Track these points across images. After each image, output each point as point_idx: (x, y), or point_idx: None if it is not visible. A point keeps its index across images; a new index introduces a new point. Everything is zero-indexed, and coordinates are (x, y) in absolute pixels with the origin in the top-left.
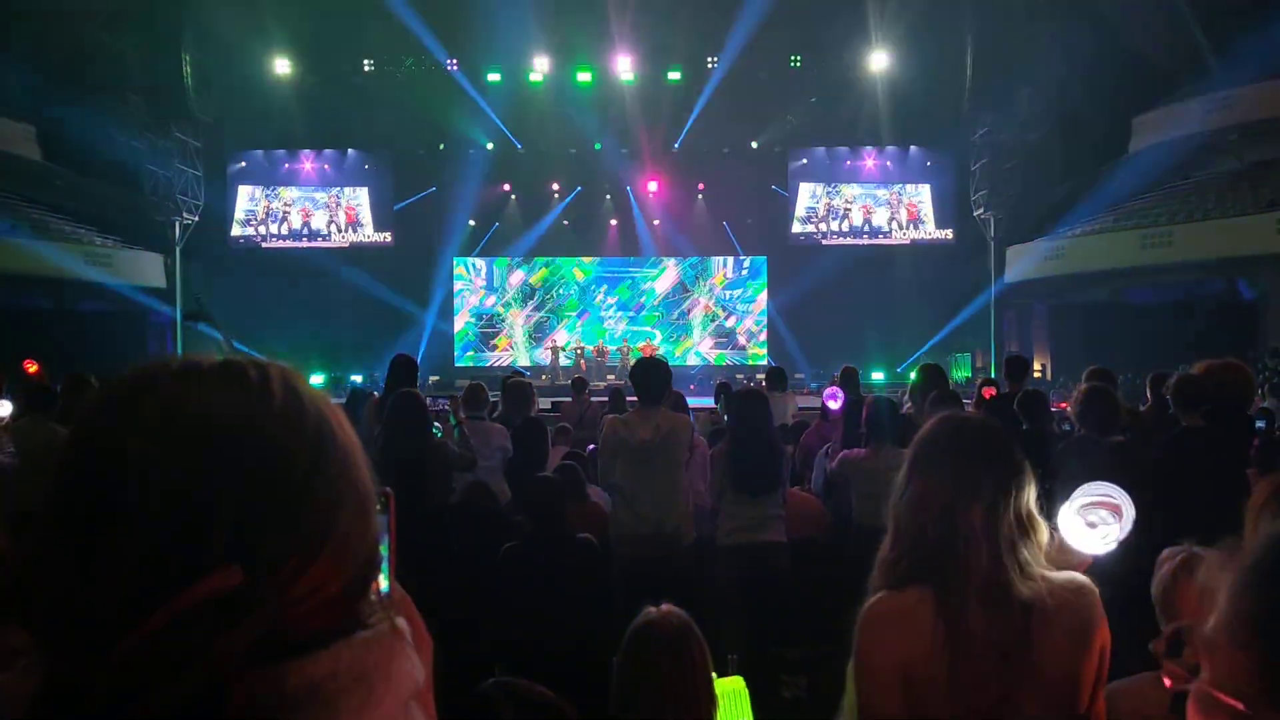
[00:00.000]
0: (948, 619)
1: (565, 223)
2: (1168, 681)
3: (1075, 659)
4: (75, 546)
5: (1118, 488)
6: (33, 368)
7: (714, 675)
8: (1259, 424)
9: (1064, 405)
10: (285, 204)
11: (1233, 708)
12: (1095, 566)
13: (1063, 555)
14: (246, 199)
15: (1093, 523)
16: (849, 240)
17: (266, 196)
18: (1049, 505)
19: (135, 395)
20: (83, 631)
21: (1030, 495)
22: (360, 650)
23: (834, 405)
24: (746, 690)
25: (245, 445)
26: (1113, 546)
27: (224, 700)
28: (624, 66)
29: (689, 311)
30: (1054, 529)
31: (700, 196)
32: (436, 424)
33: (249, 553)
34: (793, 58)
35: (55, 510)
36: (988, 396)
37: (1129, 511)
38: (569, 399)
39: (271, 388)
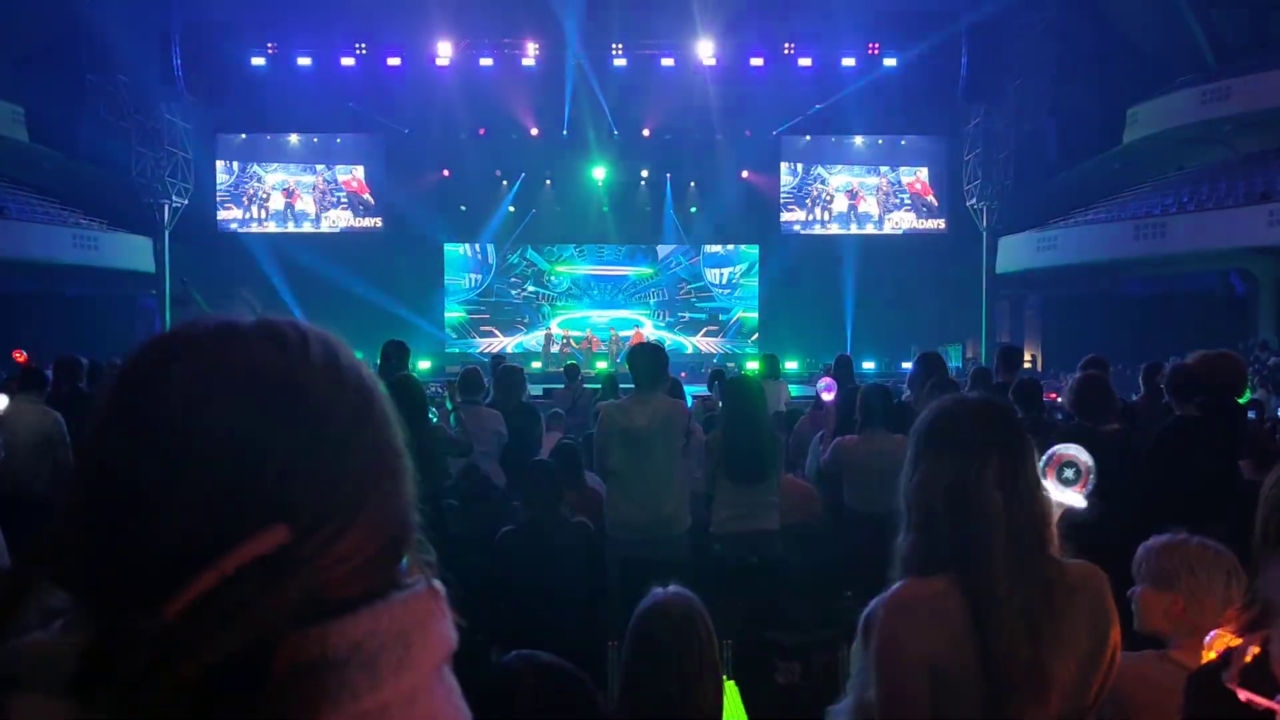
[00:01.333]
0: (974, 597)
1: (556, 209)
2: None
3: (1093, 641)
4: (119, 506)
5: (1074, 444)
6: (21, 358)
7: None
8: (1250, 415)
9: (1054, 396)
10: (270, 187)
11: None
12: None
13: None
14: (232, 179)
15: (1060, 482)
16: (838, 230)
17: (254, 176)
18: None
19: (176, 351)
20: (128, 592)
21: (1036, 469)
22: (399, 611)
23: (827, 397)
24: (736, 690)
25: (288, 402)
26: (1084, 502)
27: (268, 660)
28: (615, 51)
29: (680, 299)
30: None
31: (692, 184)
32: (432, 409)
33: (292, 512)
34: (786, 45)
35: (96, 469)
36: None
37: (1086, 459)
38: (561, 386)
39: (310, 347)
